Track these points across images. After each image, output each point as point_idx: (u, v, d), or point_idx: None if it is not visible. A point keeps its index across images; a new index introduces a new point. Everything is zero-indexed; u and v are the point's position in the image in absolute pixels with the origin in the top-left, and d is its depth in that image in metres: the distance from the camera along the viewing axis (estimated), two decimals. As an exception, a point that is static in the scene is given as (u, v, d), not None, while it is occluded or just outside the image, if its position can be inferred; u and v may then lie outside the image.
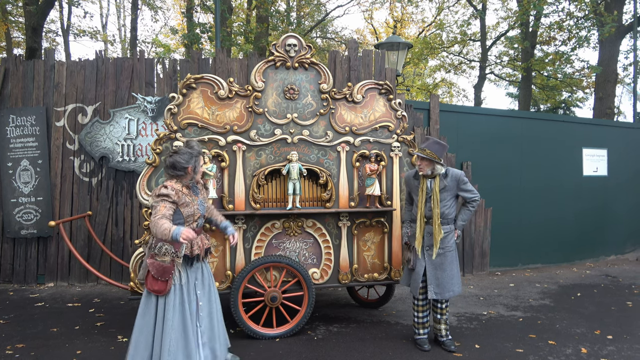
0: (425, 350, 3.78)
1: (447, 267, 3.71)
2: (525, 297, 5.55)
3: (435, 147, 3.68)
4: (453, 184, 3.74)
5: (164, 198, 2.84)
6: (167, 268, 2.86)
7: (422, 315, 3.88)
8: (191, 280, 3.01)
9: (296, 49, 4.17)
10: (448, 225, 3.76)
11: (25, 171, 5.88)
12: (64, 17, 17.29)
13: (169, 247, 2.89)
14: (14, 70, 5.96)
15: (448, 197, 3.74)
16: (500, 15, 26.40)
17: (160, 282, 2.84)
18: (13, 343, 3.87)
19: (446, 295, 3.69)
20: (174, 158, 2.92)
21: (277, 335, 4.00)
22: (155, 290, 2.84)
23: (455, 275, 3.74)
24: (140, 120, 5.93)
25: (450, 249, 3.73)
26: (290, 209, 4.04)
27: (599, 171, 7.78)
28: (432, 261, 3.72)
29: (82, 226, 5.87)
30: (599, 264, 7.59)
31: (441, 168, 3.72)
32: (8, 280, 5.88)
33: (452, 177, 3.75)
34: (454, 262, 3.76)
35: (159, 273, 2.84)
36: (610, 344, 4.00)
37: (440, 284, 3.69)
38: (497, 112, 7.27)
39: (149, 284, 2.85)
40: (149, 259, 2.88)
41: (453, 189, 3.76)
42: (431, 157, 3.63)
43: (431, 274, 3.71)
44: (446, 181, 3.73)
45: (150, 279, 2.85)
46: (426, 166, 3.70)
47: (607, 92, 11.06)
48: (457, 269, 3.80)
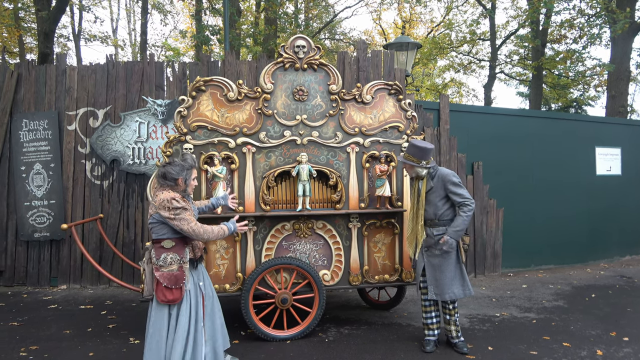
0: (425, 351, 3.77)
1: (445, 269, 3.67)
2: (538, 298, 5.48)
3: (413, 150, 3.69)
4: (440, 184, 3.71)
5: (182, 210, 2.89)
6: (179, 275, 2.90)
7: (426, 317, 3.87)
8: (196, 282, 3.07)
9: (305, 50, 4.17)
10: (444, 227, 3.71)
11: (38, 175, 5.95)
12: (75, 23, 17.53)
13: (173, 256, 2.92)
14: (26, 75, 6.03)
15: (437, 197, 3.71)
16: (510, 14, 26.24)
17: (175, 290, 2.87)
18: (27, 345, 3.91)
19: (446, 297, 3.65)
20: (166, 168, 2.97)
21: (288, 337, 3.99)
22: (170, 300, 2.86)
23: (456, 278, 3.69)
24: (150, 123, 5.97)
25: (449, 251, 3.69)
26: (300, 211, 4.03)
27: (612, 170, 7.67)
28: (431, 262, 3.73)
29: (94, 229, 5.92)
30: (613, 265, 7.48)
31: (421, 170, 3.71)
32: (22, 283, 5.95)
33: (439, 177, 3.72)
34: (454, 264, 3.69)
35: (171, 282, 2.87)
36: (627, 345, 3.94)
37: (439, 285, 3.68)
38: (508, 112, 7.20)
39: (162, 296, 2.85)
40: (156, 272, 2.88)
41: (440, 189, 3.71)
42: (409, 161, 3.68)
43: (430, 274, 3.74)
44: (433, 182, 3.73)
45: (162, 291, 2.86)
46: (409, 169, 3.78)
47: (620, 90, 10.91)
48: (462, 271, 3.73)
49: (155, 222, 2.93)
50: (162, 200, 2.87)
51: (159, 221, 2.92)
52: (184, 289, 2.91)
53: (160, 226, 2.93)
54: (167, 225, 2.92)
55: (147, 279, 2.95)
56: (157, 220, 2.92)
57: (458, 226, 3.63)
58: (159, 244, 2.94)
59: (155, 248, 2.95)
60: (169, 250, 2.92)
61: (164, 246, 2.93)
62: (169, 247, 2.93)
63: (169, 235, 2.94)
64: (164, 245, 2.93)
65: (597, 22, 12.57)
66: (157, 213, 2.91)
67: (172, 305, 2.90)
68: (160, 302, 2.87)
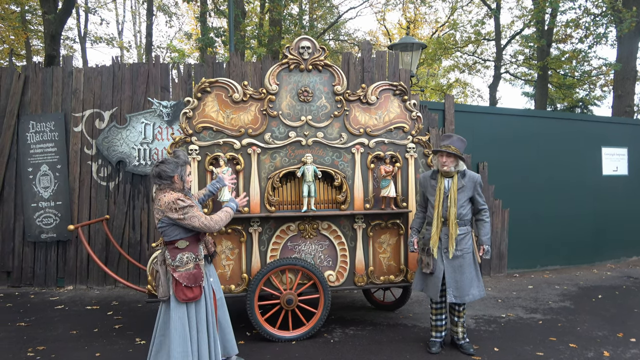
0: (430, 352, 3.76)
1: (465, 270, 3.64)
2: (544, 299, 5.45)
3: (459, 144, 3.69)
4: (471, 184, 3.70)
5: (189, 208, 2.91)
6: (197, 273, 2.95)
7: (436, 319, 3.85)
8: (208, 277, 3.13)
9: (310, 51, 4.17)
10: (465, 226, 3.70)
11: (44, 176, 5.99)
12: (81, 25, 17.64)
13: (189, 255, 2.96)
14: (33, 78, 6.08)
15: (464, 197, 3.69)
16: (515, 14, 26.09)
17: (195, 287, 2.93)
18: (34, 345, 3.93)
19: (466, 299, 3.61)
20: (160, 167, 2.96)
21: (294, 337, 3.99)
22: (191, 298, 2.91)
23: (474, 279, 3.68)
24: (156, 124, 6.00)
25: (468, 251, 3.67)
26: (305, 212, 4.03)
27: (619, 170, 7.62)
28: (451, 264, 3.65)
29: (100, 230, 5.95)
30: (620, 265, 7.43)
31: (463, 165, 3.70)
32: (29, 284, 5.99)
33: (470, 178, 3.72)
34: (472, 265, 3.69)
35: (191, 281, 2.91)
36: (634, 346, 3.91)
37: (460, 287, 3.63)
38: (513, 112, 7.18)
39: (182, 295, 2.88)
40: (175, 273, 2.91)
41: (470, 190, 3.71)
42: (457, 153, 3.60)
43: (450, 277, 3.64)
44: (464, 181, 3.69)
45: (182, 290, 2.89)
46: (451, 163, 3.63)
47: (626, 89, 10.83)
48: (477, 272, 3.73)
49: (165, 225, 2.93)
50: (167, 203, 2.88)
51: (169, 224, 2.93)
52: (202, 285, 2.98)
53: (171, 228, 2.94)
54: (177, 226, 2.95)
55: (162, 280, 2.97)
56: (167, 223, 2.93)
57: (488, 233, 3.74)
58: (172, 245, 2.97)
59: (169, 250, 2.98)
60: (184, 250, 2.96)
61: (178, 247, 2.96)
62: (184, 247, 2.96)
63: (182, 236, 2.96)
64: (178, 246, 2.96)
65: (603, 21, 12.50)
66: (165, 217, 2.91)
67: (190, 303, 2.95)
68: (181, 301, 2.90)
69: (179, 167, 3.01)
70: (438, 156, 3.71)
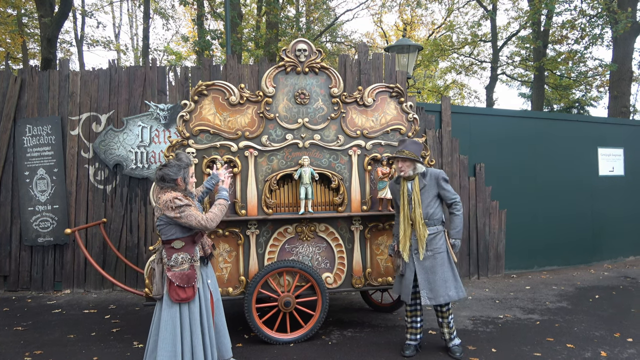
0: (404, 355, 3.71)
1: (438, 270, 3.58)
2: (541, 299, 5.47)
3: (413, 146, 3.67)
4: (433, 182, 3.68)
5: (186, 207, 2.91)
6: (190, 274, 2.97)
7: (411, 321, 3.80)
8: (205, 279, 3.14)
9: (306, 53, 4.18)
10: (435, 226, 3.65)
11: (41, 180, 5.98)
12: (77, 28, 17.62)
13: (184, 256, 2.98)
14: (29, 81, 6.07)
15: (430, 196, 3.66)
16: (511, 15, 26.23)
17: (187, 288, 2.94)
18: (31, 350, 3.92)
19: (440, 300, 3.54)
20: (163, 171, 3.00)
21: (291, 340, 3.99)
22: (183, 299, 2.92)
23: (449, 279, 3.60)
24: (153, 127, 5.99)
25: (439, 251, 3.61)
26: (303, 214, 4.04)
27: (615, 171, 7.65)
28: (422, 265, 3.60)
29: (97, 233, 5.94)
30: (617, 265, 7.45)
31: (422, 167, 3.69)
32: (26, 288, 5.97)
33: (431, 175, 3.69)
34: (446, 265, 3.62)
35: (184, 281, 2.93)
36: (631, 346, 3.92)
37: (433, 288, 3.57)
38: (510, 113, 7.20)
39: (175, 295, 2.91)
40: (169, 272, 2.94)
41: (433, 188, 3.68)
42: (412, 157, 3.60)
43: (422, 278, 3.60)
44: (425, 180, 3.67)
45: (175, 290, 2.91)
46: (407, 167, 3.65)
47: (622, 90, 10.89)
48: (454, 272, 3.65)
49: (163, 223, 2.97)
50: (165, 202, 2.91)
51: (167, 222, 2.96)
52: (196, 286, 2.98)
53: (168, 227, 2.97)
54: (175, 226, 2.97)
55: (157, 278, 3.01)
56: (165, 221, 2.96)
57: (458, 226, 3.66)
58: (169, 245, 2.99)
59: (165, 249, 3.01)
60: (180, 250, 2.98)
61: (174, 247, 2.98)
62: (179, 248, 2.99)
63: (178, 235, 2.98)
64: (174, 246, 2.98)
65: (599, 22, 12.56)
66: (163, 215, 2.95)
67: (184, 304, 2.96)
68: (174, 301, 2.91)
69: (181, 169, 3.04)
70: (395, 162, 3.73)
